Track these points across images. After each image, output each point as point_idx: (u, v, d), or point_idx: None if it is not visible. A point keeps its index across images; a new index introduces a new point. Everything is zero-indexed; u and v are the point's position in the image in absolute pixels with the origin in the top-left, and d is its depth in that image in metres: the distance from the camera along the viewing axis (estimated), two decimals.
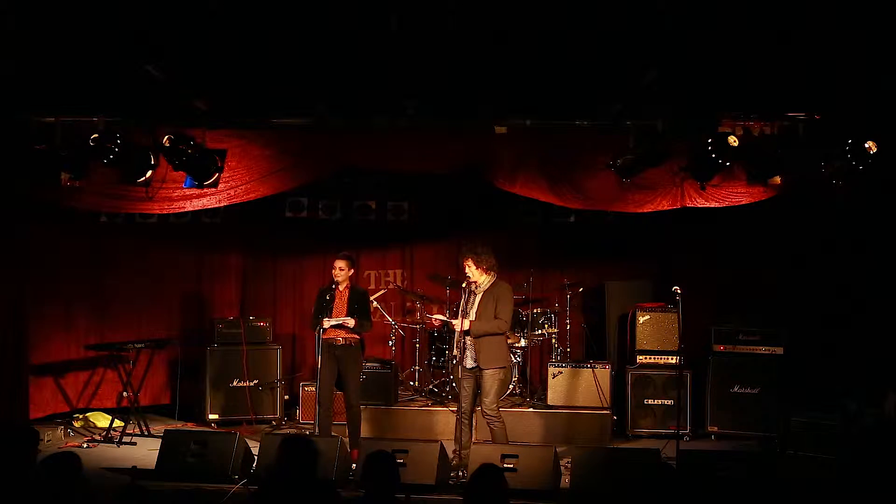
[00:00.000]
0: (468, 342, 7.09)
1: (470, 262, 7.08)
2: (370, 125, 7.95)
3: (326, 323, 7.50)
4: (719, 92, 7.23)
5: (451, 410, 8.28)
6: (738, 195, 7.83)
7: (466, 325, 7.05)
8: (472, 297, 7.18)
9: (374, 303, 9.12)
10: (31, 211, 8.44)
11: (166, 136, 7.47)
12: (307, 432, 8.07)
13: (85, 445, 8.29)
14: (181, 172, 7.78)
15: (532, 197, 8.26)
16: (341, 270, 7.62)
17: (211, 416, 9.12)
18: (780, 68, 6.76)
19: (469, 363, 7.11)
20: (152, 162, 7.76)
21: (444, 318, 7.48)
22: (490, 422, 7.06)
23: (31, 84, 7.18)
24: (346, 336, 7.60)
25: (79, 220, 9.03)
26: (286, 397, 9.57)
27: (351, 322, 7.52)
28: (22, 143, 7.66)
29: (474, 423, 7.36)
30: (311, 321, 7.78)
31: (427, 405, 8.99)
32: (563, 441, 8.29)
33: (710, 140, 7.29)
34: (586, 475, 6.72)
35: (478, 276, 7.10)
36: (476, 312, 7.09)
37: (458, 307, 7.39)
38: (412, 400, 9.21)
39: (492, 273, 7.12)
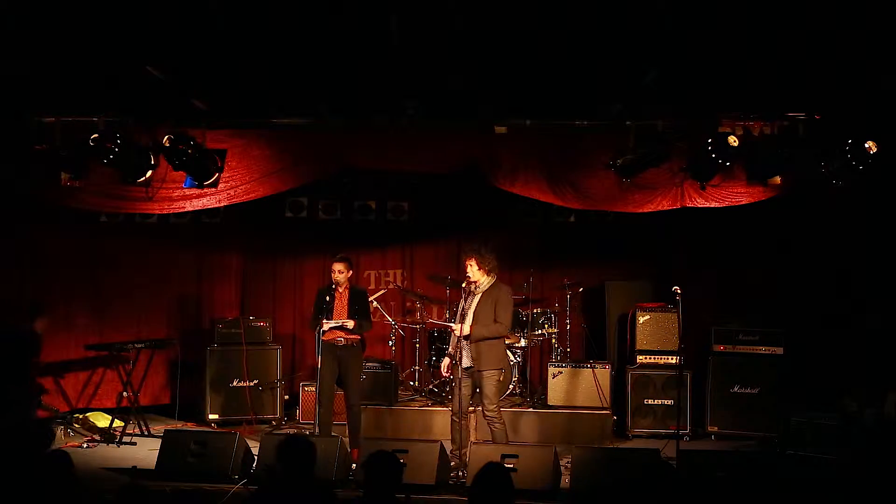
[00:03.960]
0: (465, 344, 7.09)
1: (473, 262, 7.06)
2: (370, 125, 7.96)
3: (326, 325, 7.50)
4: (719, 92, 7.23)
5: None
6: (738, 195, 7.83)
7: (466, 330, 7.03)
8: (471, 297, 7.17)
9: (374, 303, 9.12)
10: (31, 211, 8.45)
11: (166, 136, 7.48)
12: (307, 432, 8.07)
13: (85, 445, 8.29)
14: (181, 172, 7.79)
15: (532, 197, 8.26)
16: (340, 273, 7.62)
17: (211, 416, 9.13)
18: (780, 68, 6.75)
19: (466, 363, 7.10)
20: (152, 162, 7.77)
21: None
22: (490, 422, 7.07)
23: (31, 84, 7.17)
24: (347, 336, 7.61)
25: (79, 220, 9.03)
26: (286, 397, 9.58)
27: (350, 323, 7.53)
28: (22, 143, 7.66)
29: (475, 424, 7.37)
30: (311, 321, 7.79)
31: (427, 405, 8.99)
32: (563, 441, 8.29)
33: (710, 140, 7.30)
34: (586, 475, 6.72)
35: (478, 277, 7.09)
36: (473, 313, 7.08)
37: (457, 307, 7.38)
38: (412, 400, 9.22)
39: (492, 275, 7.12)
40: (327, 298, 7.61)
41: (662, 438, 8.16)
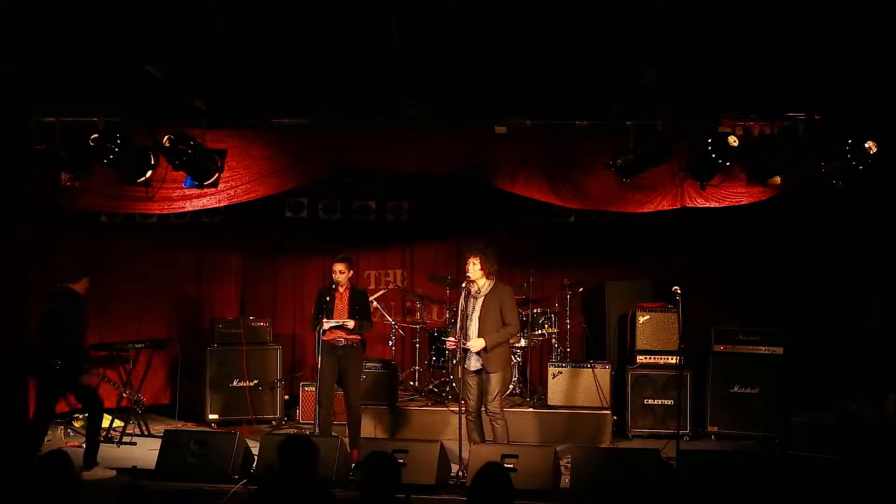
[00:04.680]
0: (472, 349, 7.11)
1: (477, 261, 7.04)
2: (370, 125, 7.95)
3: (326, 324, 7.50)
4: (719, 92, 7.23)
5: (452, 410, 8.29)
6: (738, 195, 7.83)
7: (481, 345, 7.01)
8: (472, 301, 7.15)
9: (374, 303, 9.12)
10: (31, 211, 8.44)
11: (166, 136, 7.47)
12: (307, 432, 8.07)
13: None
14: (181, 172, 7.78)
15: (532, 197, 8.26)
16: (342, 273, 7.62)
17: (211, 416, 9.12)
18: (780, 68, 6.75)
19: (474, 366, 7.12)
20: (152, 162, 7.76)
21: (456, 340, 7.23)
22: (493, 419, 7.09)
23: (31, 84, 7.17)
24: (348, 337, 7.60)
25: (79, 220, 9.02)
26: (286, 397, 9.57)
27: (351, 323, 7.52)
28: (22, 143, 7.65)
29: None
30: (312, 322, 7.78)
31: (427, 405, 8.99)
32: (563, 441, 8.29)
33: (710, 140, 7.29)
34: (586, 475, 6.72)
35: (477, 276, 7.08)
36: (478, 318, 7.09)
37: (457, 307, 7.35)
38: (412, 400, 9.21)
39: (492, 278, 7.12)
40: (328, 298, 7.61)
41: (662, 438, 8.15)
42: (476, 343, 7.03)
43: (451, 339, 7.26)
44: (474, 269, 7.06)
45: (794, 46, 6.38)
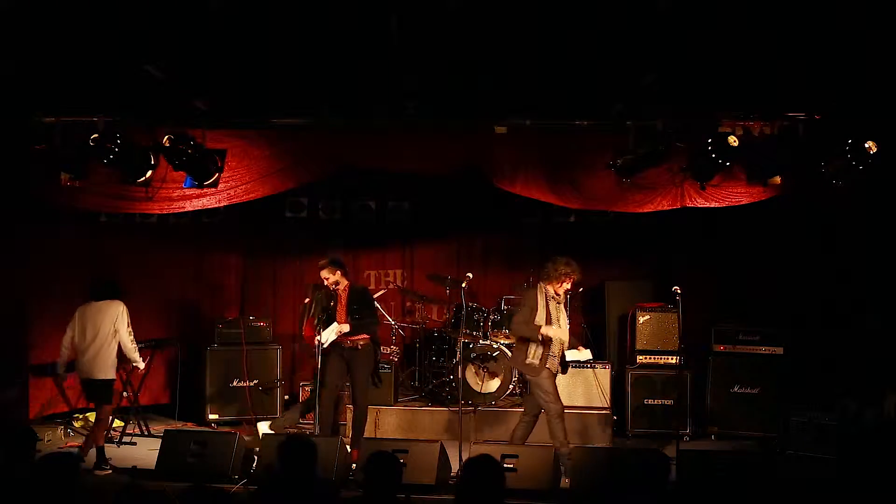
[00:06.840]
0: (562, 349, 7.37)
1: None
2: (370, 125, 7.95)
3: (325, 341, 7.40)
4: (719, 92, 7.22)
5: (452, 410, 8.29)
6: (738, 195, 7.83)
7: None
8: (556, 305, 7.39)
9: (374, 303, 9.10)
10: (31, 211, 8.44)
11: (166, 136, 7.46)
12: (307, 432, 8.07)
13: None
14: (181, 172, 7.78)
15: (532, 197, 8.26)
16: (326, 280, 7.58)
17: (211, 416, 9.13)
18: (780, 68, 6.75)
19: (556, 367, 7.32)
20: (152, 162, 7.76)
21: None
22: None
23: (31, 84, 7.17)
24: (352, 339, 7.58)
25: (79, 220, 9.03)
26: (286, 397, 9.58)
27: (346, 328, 7.49)
28: (22, 143, 7.66)
29: (474, 425, 7.41)
30: (316, 328, 7.69)
31: (427, 405, 8.99)
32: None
33: (710, 140, 7.29)
34: (586, 475, 6.72)
35: None
36: (567, 323, 7.45)
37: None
38: (412, 400, 9.21)
39: None
40: (332, 304, 7.56)
41: (662, 438, 8.16)
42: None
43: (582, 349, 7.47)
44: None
45: (794, 46, 6.37)
